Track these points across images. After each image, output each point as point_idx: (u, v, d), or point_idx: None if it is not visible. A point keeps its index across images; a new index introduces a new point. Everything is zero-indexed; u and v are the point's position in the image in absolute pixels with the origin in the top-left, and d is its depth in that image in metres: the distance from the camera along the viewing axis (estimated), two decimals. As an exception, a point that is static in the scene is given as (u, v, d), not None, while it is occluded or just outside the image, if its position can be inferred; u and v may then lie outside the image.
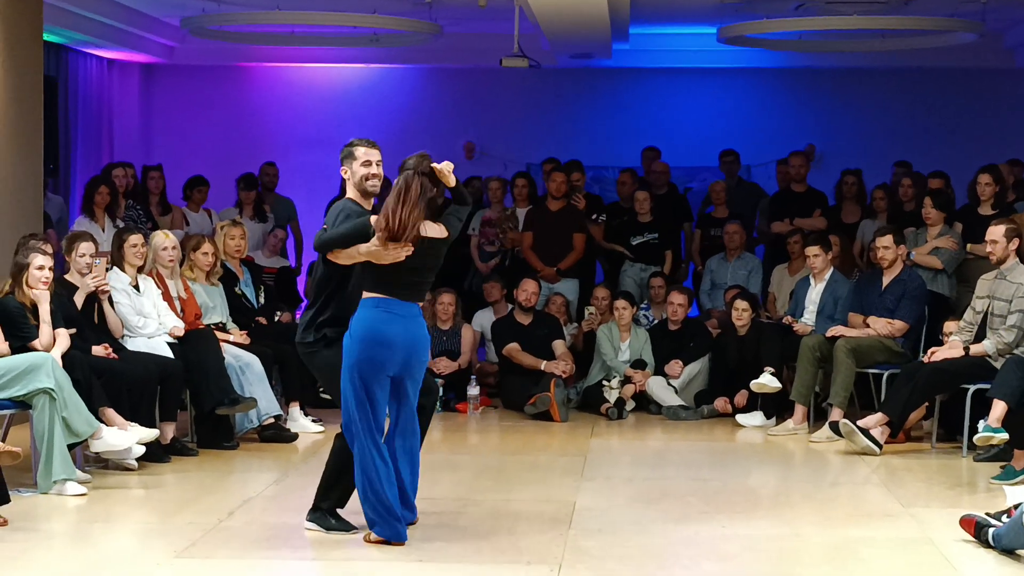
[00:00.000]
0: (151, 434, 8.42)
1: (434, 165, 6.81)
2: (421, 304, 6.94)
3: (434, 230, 6.80)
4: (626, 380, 11.27)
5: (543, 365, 11.21)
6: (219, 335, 9.66)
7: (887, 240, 10.35)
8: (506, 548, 6.72)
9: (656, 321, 11.95)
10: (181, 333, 9.32)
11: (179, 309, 9.58)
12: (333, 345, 6.89)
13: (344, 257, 6.77)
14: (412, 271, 6.73)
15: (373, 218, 6.75)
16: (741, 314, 11.10)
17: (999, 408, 8.74)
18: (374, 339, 6.65)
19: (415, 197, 6.70)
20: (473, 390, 11.18)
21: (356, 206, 7.02)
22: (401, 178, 6.78)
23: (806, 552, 6.79)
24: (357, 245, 6.71)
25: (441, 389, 11.22)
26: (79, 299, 8.91)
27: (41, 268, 8.25)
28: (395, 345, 6.68)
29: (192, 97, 16.41)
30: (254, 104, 16.47)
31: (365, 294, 6.75)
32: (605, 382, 11.27)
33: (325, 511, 7.01)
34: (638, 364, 11.35)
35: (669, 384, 11.26)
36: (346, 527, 6.96)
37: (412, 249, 6.69)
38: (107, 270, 9.21)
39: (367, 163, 7.06)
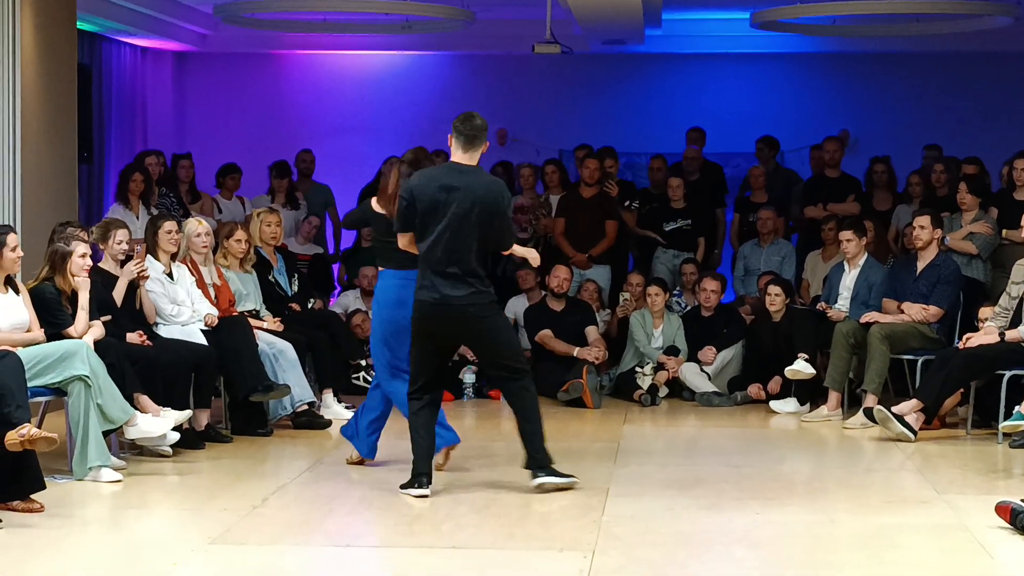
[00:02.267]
0: (184, 416, 8.45)
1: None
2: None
3: None
4: (659, 367, 11.26)
5: (576, 352, 11.21)
6: (252, 322, 9.69)
7: (924, 220, 10.29)
8: (539, 534, 6.73)
9: (689, 307, 11.94)
10: (215, 322, 9.33)
11: (213, 296, 9.61)
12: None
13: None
14: None
15: None
16: (774, 299, 11.07)
17: (1034, 394, 8.70)
18: None
19: None
20: (506, 377, 11.17)
21: None
22: None
23: (840, 539, 6.77)
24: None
25: (474, 375, 11.26)
26: (121, 286, 8.94)
27: (84, 256, 8.30)
28: None
29: (225, 85, 16.45)
30: (286, 92, 16.50)
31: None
32: (638, 369, 11.26)
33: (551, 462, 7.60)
34: (671, 351, 11.34)
35: (702, 370, 11.24)
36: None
37: None
38: (143, 258, 9.25)
39: None
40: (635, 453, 9.03)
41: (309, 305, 10.82)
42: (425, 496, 7.42)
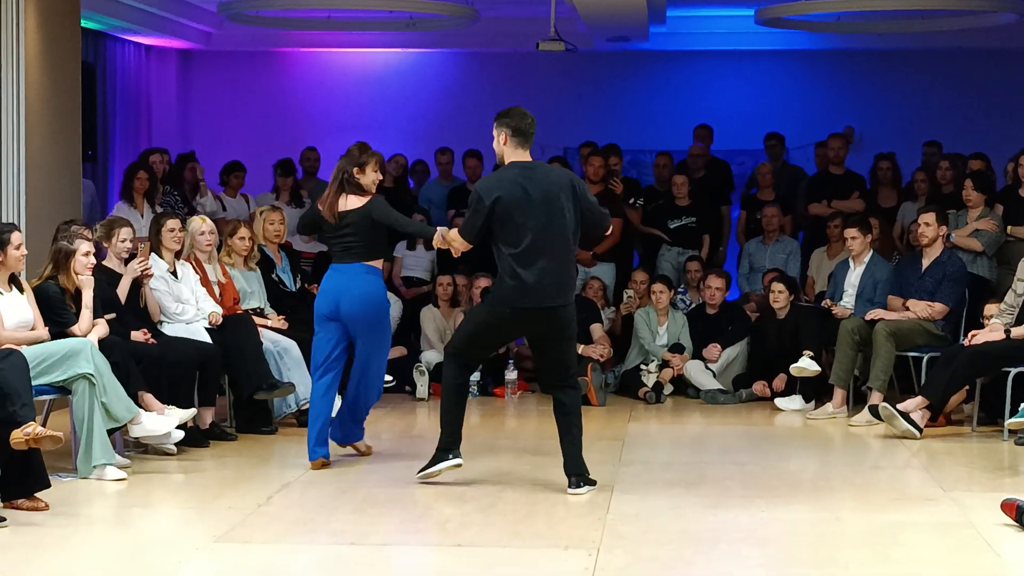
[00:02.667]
0: (188, 414, 8.46)
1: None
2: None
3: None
4: (664, 364, 11.25)
5: (580, 349, 11.17)
6: (257, 320, 9.68)
7: (929, 217, 10.29)
8: (544, 533, 6.72)
9: (693, 305, 11.92)
10: (220, 321, 9.32)
11: (217, 294, 9.60)
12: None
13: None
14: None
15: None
16: (778, 296, 11.06)
17: (1040, 391, 8.69)
18: None
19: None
20: (511, 374, 11.18)
21: None
22: None
23: (846, 536, 6.76)
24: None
25: (479, 373, 11.24)
26: (125, 284, 8.94)
27: (87, 254, 8.30)
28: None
29: (229, 83, 16.46)
30: (291, 90, 16.50)
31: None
32: (643, 366, 11.25)
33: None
34: (676, 348, 11.32)
35: (707, 368, 11.23)
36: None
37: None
38: (147, 256, 9.25)
39: None
40: (640, 451, 9.02)
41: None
42: (459, 465, 7.58)
